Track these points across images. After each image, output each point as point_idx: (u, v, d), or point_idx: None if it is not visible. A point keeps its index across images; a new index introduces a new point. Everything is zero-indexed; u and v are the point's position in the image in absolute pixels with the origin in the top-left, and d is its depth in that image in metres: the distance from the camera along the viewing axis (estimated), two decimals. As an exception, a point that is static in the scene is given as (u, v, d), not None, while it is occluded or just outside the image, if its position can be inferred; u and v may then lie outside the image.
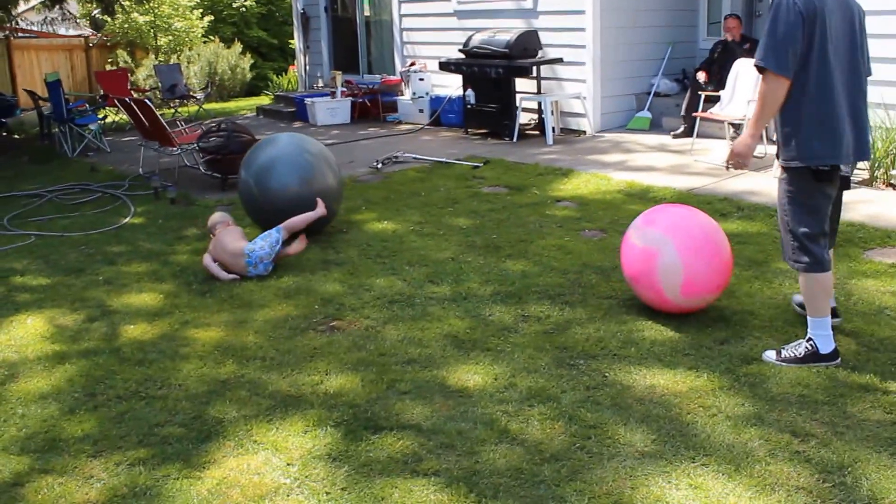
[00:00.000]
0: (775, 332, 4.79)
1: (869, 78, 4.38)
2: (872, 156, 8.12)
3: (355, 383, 4.33)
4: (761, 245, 6.35)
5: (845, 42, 4.20)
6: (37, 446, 3.87)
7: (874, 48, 4.60)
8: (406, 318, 5.22)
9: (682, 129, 10.81)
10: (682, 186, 8.17)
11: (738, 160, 4.45)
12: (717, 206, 7.39)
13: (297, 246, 6.38)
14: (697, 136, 9.94)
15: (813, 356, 4.36)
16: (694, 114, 9.92)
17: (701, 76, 10.45)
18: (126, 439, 3.88)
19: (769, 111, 4.23)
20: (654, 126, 11.69)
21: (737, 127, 9.62)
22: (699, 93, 10.14)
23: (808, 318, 4.41)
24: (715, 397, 4.04)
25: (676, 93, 11.94)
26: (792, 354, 4.39)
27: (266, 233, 6.25)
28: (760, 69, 4.15)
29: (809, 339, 4.38)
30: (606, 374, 4.33)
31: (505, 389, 4.19)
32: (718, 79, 10.19)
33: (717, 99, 9.68)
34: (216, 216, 6.60)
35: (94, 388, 4.45)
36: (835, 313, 4.74)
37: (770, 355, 4.45)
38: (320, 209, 6.63)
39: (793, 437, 3.65)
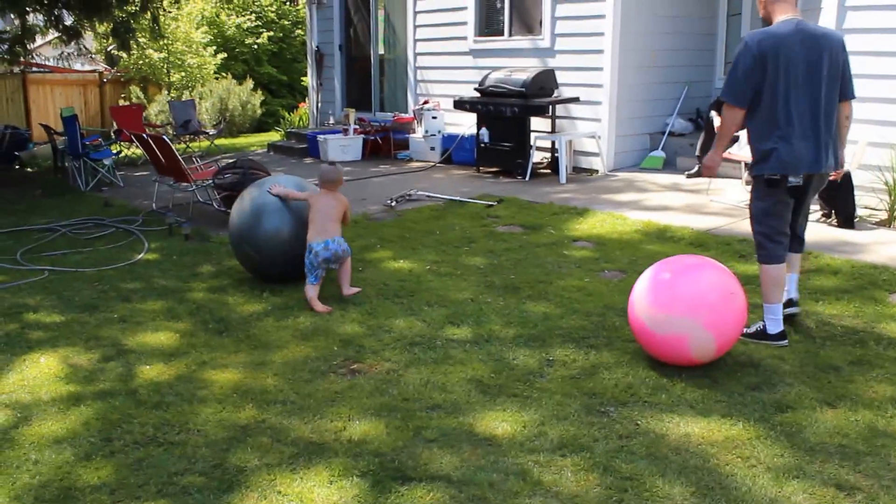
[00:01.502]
0: (806, 377, 4.68)
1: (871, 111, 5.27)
2: (890, 197, 8.06)
3: (380, 430, 4.21)
4: (785, 288, 6.23)
5: (806, 73, 4.99)
6: (51, 495, 3.74)
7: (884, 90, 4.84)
8: (428, 361, 5.11)
9: (696, 168, 10.75)
10: (699, 227, 8.08)
11: (708, 171, 5.53)
12: (736, 246, 7.31)
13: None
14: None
15: (761, 335, 5.23)
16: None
17: (717, 120, 10.36)
18: (144, 488, 3.75)
19: (727, 133, 5.28)
20: (668, 165, 11.63)
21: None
22: (715, 133, 10.06)
23: (763, 302, 5.26)
24: (752, 447, 3.91)
25: (690, 132, 11.89)
26: (749, 332, 5.26)
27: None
28: (723, 101, 5.14)
29: (763, 321, 5.25)
30: (639, 422, 4.21)
31: (535, 438, 4.07)
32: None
33: (732, 139, 9.60)
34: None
35: (111, 432, 4.32)
36: (791, 303, 5.49)
37: None
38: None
39: (838, 491, 3.52)
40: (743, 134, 9.47)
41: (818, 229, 7.94)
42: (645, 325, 4.81)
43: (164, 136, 9.72)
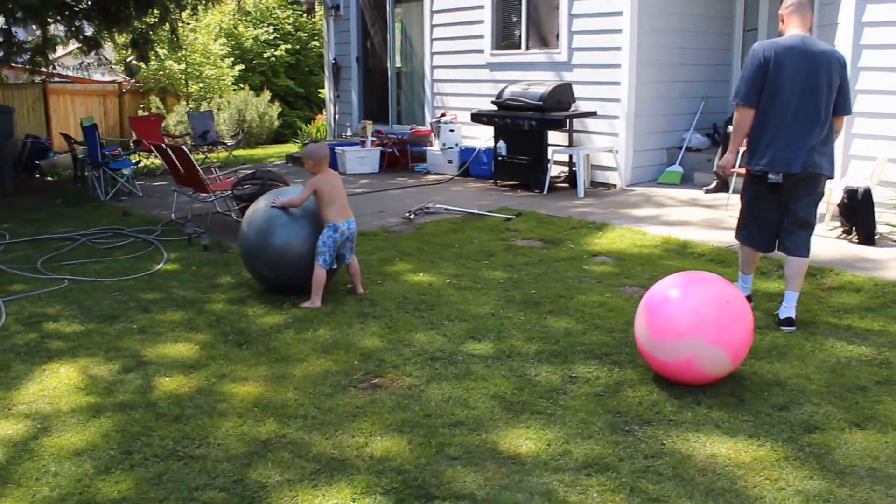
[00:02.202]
0: (833, 397, 4.62)
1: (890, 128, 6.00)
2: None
3: (402, 446, 4.18)
4: (806, 304, 6.18)
5: (802, 84, 5.53)
6: (72, 508, 3.73)
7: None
8: (449, 376, 5.07)
9: (714, 184, 10.70)
10: (719, 242, 8.02)
11: (723, 170, 6.07)
12: (758, 264, 7.23)
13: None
14: (731, 191, 9.79)
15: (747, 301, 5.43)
16: (730, 170, 9.77)
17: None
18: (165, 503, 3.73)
19: (741, 132, 5.80)
20: (686, 181, 11.58)
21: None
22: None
23: (739, 271, 6.23)
24: (780, 469, 3.85)
25: (707, 147, 11.84)
26: None
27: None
28: (734, 102, 5.74)
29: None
30: (664, 442, 4.15)
31: (559, 457, 4.02)
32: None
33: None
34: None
35: (131, 445, 4.30)
36: (791, 322, 5.82)
37: None
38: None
39: (869, 516, 3.47)
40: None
41: (839, 246, 7.88)
42: (654, 355, 4.78)
43: (183, 146, 9.72)
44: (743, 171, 5.99)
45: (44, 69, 16.12)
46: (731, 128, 10.18)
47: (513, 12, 12.95)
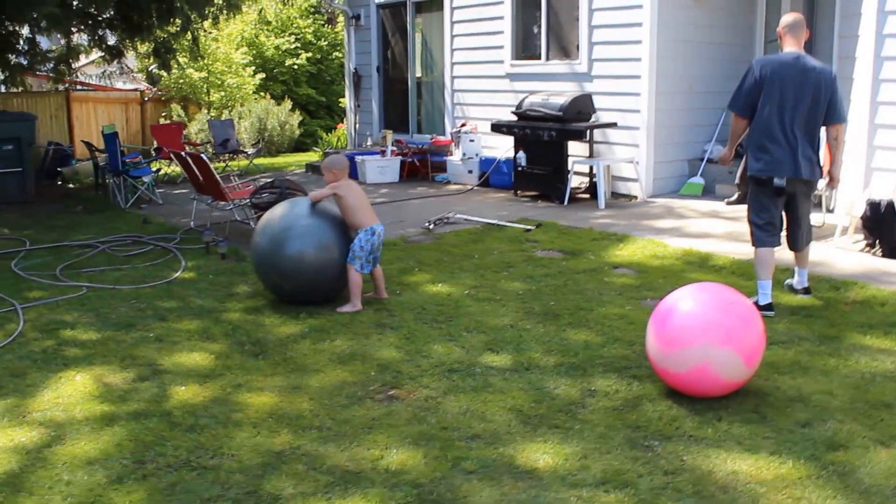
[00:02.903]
0: (858, 414, 4.53)
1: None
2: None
3: (418, 459, 4.12)
4: (830, 319, 6.10)
5: (794, 96, 6.11)
6: (84, 517, 3.69)
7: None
8: (467, 388, 5.01)
9: (736, 196, 10.61)
10: (741, 255, 7.93)
11: (723, 162, 6.77)
12: (780, 276, 7.12)
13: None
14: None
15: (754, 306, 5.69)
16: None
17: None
18: (178, 513, 3.69)
19: (735, 137, 6.51)
20: (707, 192, 11.49)
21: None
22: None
23: (757, 279, 6.36)
24: (803, 488, 3.77)
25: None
26: None
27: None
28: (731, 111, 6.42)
29: (758, 296, 6.28)
30: (684, 458, 4.08)
31: (577, 472, 3.95)
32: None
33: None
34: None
35: (144, 454, 4.26)
36: (807, 290, 6.69)
37: None
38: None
39: (895, 538, 3.38)
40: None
41: (862, 259, 7.78)
42: (668, 369, 4.71)
43: (202, 155, 9.72)
44: None
45: (67, 77, 16.22)
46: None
47: (533, 22, 12.92)
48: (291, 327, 6.23)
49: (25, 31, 14.78)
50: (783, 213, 6.49)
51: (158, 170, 14.74)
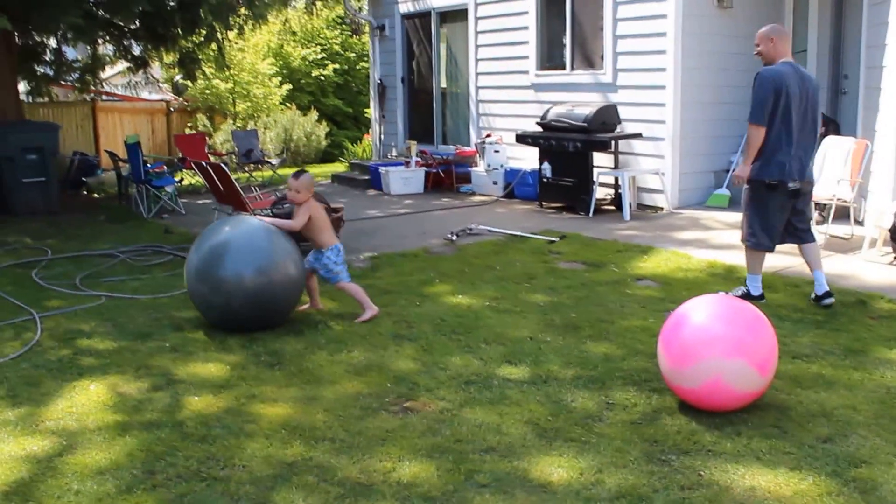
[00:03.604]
0: (882, 429, 4.40)
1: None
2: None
3: (430, 472, 4.04)
4: (855, 333, 5.96)
5: (798, 105, 6.45)
6: (91, 528, 3.64)
7: None
8: (483, 401, 4.93)
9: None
10: (766, 267, 7.77)
11: (738, 180, 6.75)
12: (806, 289, 7.01)
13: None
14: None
15: (747, 296, 6.57)
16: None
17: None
18: (185, 525, 3.64)
19: (755, 147, 6.52)
20: (734, 204, 11.31)
21: (822, 208, 9.25)
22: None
23: (747, 272, 6.85)
24: (824, 504, 3.67)
25: (758, 171, 11.59)
26: (735, 295, 6.46)
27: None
28: (750, 122, 6.52)
29: (746, 286, 6.83)
30: (702, 473, 3.98)
31: (592, 486, 3.86)
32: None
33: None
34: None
35: (154, 464, 4.22)
36: (829, 294, 6.64)
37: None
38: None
39: (919, 559, 3.27)
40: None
41: (889, 272, 7.64)
42: (681, 386, 4.63)
43: (222, 164, 9.71)
44: None
45: (92, 87, 16.33)
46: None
47: (558, 32, 12.85)
48: (309, 338, 6.17)
49: (52, 42, 14.91)
50: (787, 216, 6.73)
51: (181, 180, 14.78)
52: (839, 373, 5.21)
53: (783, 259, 8.13)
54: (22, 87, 15.64)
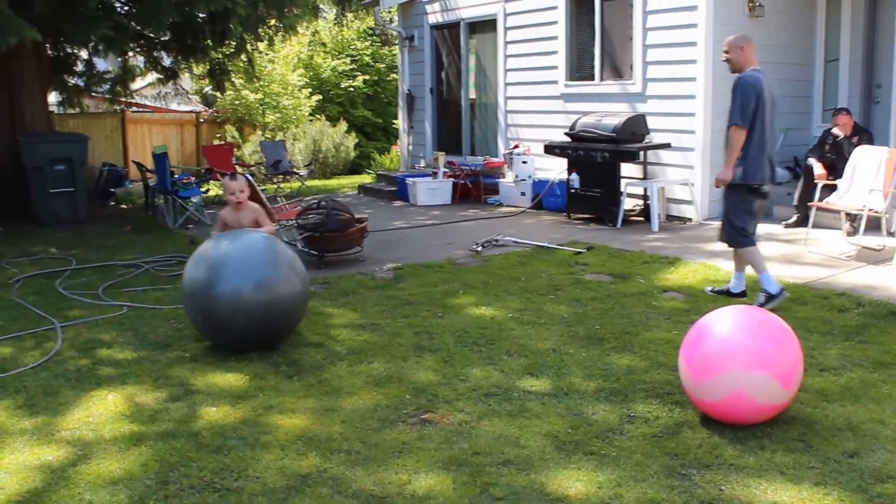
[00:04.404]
0: (910, 445, 4.28)
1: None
2: None
3: (446, 485, 3.97)
4: (885, 345, 5.82)
5: (769, 111, 6.76)
6: (101, 539, 3.60)
7: None
8: (503, 413, 4.85)
9: (794, 218, 10.31)
10: (795, 279, 7.67)
11: (720, 183, 6.94)
12: (835, 301, 6.88)
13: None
14: (811, 226, 9.40)
15: (769, 298, 6.70)
16: (810, 203, 9.40)
17: (817, 167, 9.87)
18: (195, 537, 3.58)
19: (736, 150, 6.77)
20: (765, 215, 11.10)
21: (853, 218, 9.08)
22: (816, 182, 9.59)
23: (757, 274, 6.90)
24: (849, 523, 3.55)
25: (788, 181, 11.41)
26: (758, 303, 6.69)
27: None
28: (732, 124, 6.76)
29: (763, 289, 6.79)
30: (723, 487, 3.87)
31: (610, 500, 3.77)
32: (829, 171, 9.71)
33: (830, 188, 9.19)
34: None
35: (168, 475, 4.17)
36: (744, 294, 7.22)
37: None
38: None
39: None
40: (840, 182, 9.07)
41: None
42: (704, 399, 4.53)
43: (247, 175, 9.71)
44: (824, 204, 6.88)
45: (122, 98, 16.45)
46: (812, 161, 9.99)
47: (587, 43, 12.75)
48: (329, 349, 6.12)
49: (84, 53, 15.03)
50: None
51: (207, 190, 14.82)
52: (867, 386, 5.08)
53: (813, 271, 8.02)
54: (53, 98, 15.78)
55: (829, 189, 9.26)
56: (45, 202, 12.72)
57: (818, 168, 9.82)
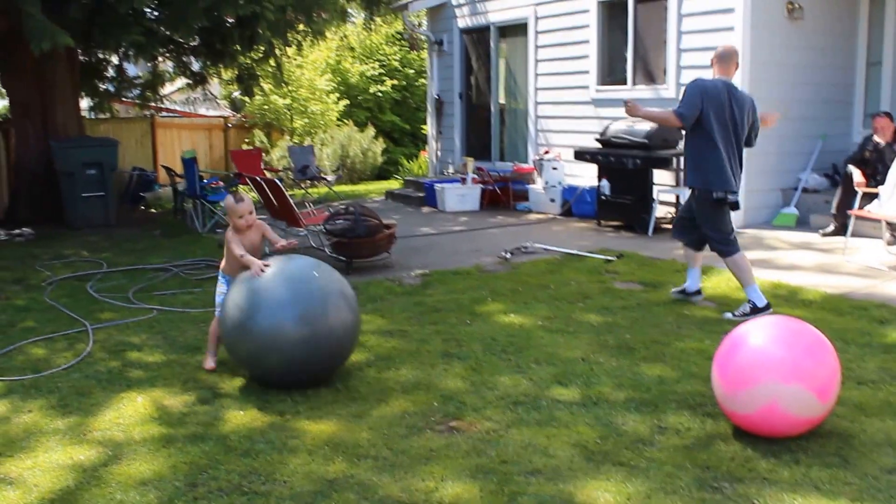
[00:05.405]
0: (952, 461, 4.19)
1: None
2: None
3: (473, 493, 3.93)
4: (926, 358, 5.72)
5: (727, 119, 6.79)
6: (129, 541, 3.59)
7: None
8: (531, 422, 4.80)
9: (832, 227, 10.19)
10: (832, 289, 7.57)
11: (631, 112, 6.97)
12: (874, 312, 6.78)
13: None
14: (850, 234, 9.28)
15: (754, 310, 6.69)
16: (849, 211, 9.28)
17: (857, 175, 9.75)
18: (222, 541, 3.57)
19: (655, 118, 7.34)
20: (801, 223, 11.06)
21: (894, 227, 8.96)
22: (855, 190, 9.47)
23: (744, 287, 6.92)
24: (887, 540, 3.47)
25: (826, 189, 11.30)
26: (742, 312, 6.74)
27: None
28: (675, 112, 6.85)
29: (749, 300, 6.82)
30: (756, 501, 3.80)
31: (641, 513, 3.72)
32: (869, 178, 9.59)
33: (870, 196, 9.06)
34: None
35: (197, 477, 4.17)
36: (699, 292, 7.44)
37: (728, 315, 6.83)
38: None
39: None
40: (882, 189, 8.95)
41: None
42: (736, 412, 4.46)
43: (276, 180, 9.73)
44: (864, 213, 6.69)
45: (152, 103, 16.56)
46: (851, 168, 9.86)
47: (619, 47, 12.69)
48: (357, 355, 6.08)
49: (115, 59, 15.14)
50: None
51: (235, 194, 14.88)
52: (907, 401, 4.99)
53: (851, 281, 7.92)
54: (84, 103, 15.91)
55: (869, 197, 9.14)
56: (76, 206, 12.84)
57: (857, 175, 9.70)
